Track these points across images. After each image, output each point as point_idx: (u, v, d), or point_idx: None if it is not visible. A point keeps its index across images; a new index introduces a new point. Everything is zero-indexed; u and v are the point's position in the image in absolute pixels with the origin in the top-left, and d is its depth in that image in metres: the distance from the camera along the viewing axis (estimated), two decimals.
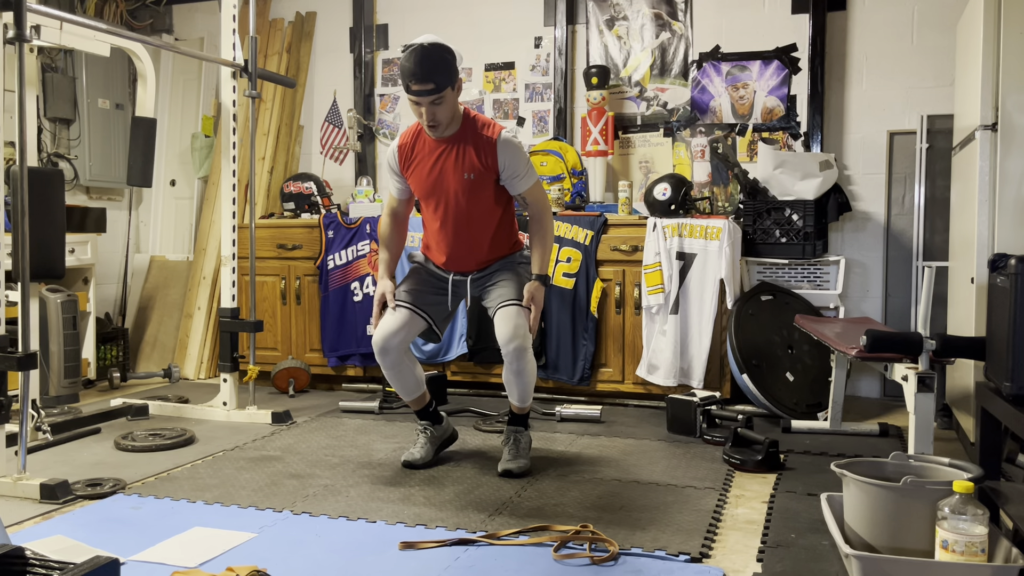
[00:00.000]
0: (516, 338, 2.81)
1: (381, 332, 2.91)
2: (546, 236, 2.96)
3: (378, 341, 2.91)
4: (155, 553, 2.22)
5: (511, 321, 2.83)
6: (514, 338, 2.80)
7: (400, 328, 2.91)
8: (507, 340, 2.81)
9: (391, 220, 3.10)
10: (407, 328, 2.93)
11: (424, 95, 2.73)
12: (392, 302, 2.95)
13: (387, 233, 3.10)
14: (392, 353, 2.92)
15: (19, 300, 2.77)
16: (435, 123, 2.80)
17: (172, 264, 5.25)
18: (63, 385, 3.65)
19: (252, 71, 3.78)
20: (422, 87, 2.72)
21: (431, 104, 2.75)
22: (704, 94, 4.55)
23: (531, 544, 2.28)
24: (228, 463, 3.08)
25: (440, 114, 2.79)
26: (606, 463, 3.08)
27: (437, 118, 2.79)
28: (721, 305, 3.86)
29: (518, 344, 2.81)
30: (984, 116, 3.00)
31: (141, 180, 3.52)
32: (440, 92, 2.74)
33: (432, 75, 2.71)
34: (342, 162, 5.16)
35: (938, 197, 4.12)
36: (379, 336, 2.91)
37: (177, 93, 5.35)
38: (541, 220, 2.96)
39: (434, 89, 2.72)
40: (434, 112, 2.77)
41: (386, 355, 2.92)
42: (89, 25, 3.31)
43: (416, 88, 2.72)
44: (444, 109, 2.79)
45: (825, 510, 2.18)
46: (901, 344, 2.68)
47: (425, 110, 2.76)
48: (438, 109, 2.77)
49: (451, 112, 2.83)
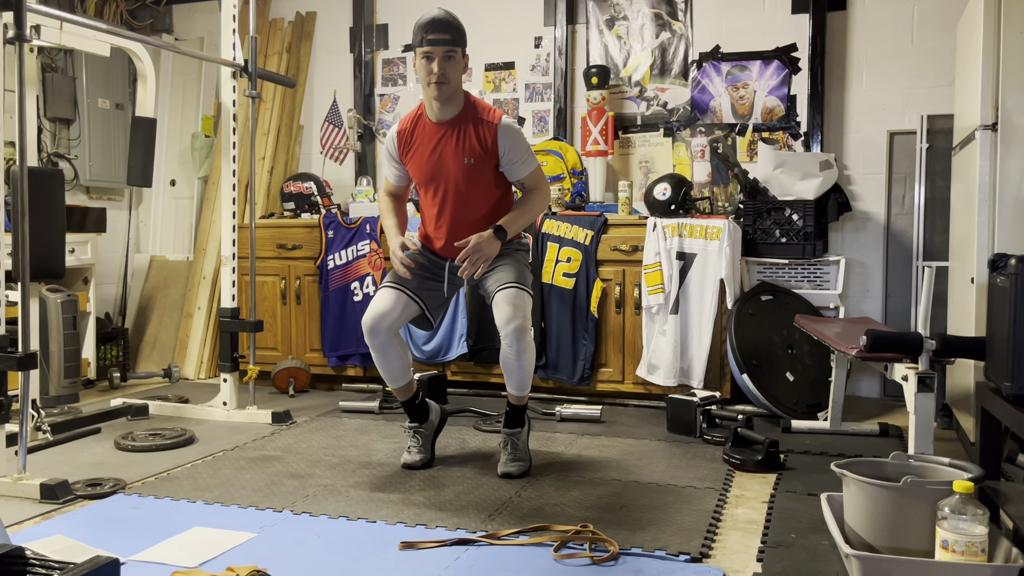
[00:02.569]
0: (515, 318, 2.76)
1: (372, 312, 2.87)
2: (532, 204, 2.92)
3: (368, 321, 2.87)
4: (155, 553, 2.22)
5: (510, 302, 2.79)
6: (513, 318, 2.76)
7: (391, 309, 2.87)
8: (506, 321, 2.76)
9: (390, 198, 3.11)
10: (399, 310, 2.89)
11: (439, 44, 2.75)
12: (411, 244, 2.92)
13: (389, 205, 3.09)
14: (381, 335, 2.87)
15: (19, 300, 2.77)
16: (444, 79, 2.78)
17: (172, 264, 5.25)
18: (63, 385, 3.65)
19: (252, 71, 3.78)
20: (438, 35, 2.75)
21: (443, 57, 2.76)
22: (704, 94, 4.55)
23: (531, 544, 2.28)
24: (228, 463, 3.08)
25: (450, 71, 2.78)
26: (606, 463, 3.08)
27: (447, 74, 2.78)
28: (721, 305, 3.86)
29: (517, 324, 2.76)
30: (984, 116, 3.00)
31: (141, 180, 3.52)
32: (454, 46, 2.76)
33: (448, 28, 2.76)
34: (342, 162, 5.16)
35: (938, 197, 4.12)
36: (370, 316, 2.87)
37: (177, 93, 5.35)
38: (534, 193, 2.94)
39: (449, 40, 2.75)
40: (444, 68, 2.76)
41: (375, 335, 2.88)
42: (89, 25, 3.31)
43: (432, 37, 2.75)
44: (453, 68, 2.79)
45: (825, 510, 2.18)
46: (901, 344, 2.67)
47: (437, 63, 2.76)
48: (448, 65, 2.77)
49: (458, 78, 2.83)
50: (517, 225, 2.89)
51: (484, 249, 2.81)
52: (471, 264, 2.80)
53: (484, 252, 2.81)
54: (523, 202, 2.94)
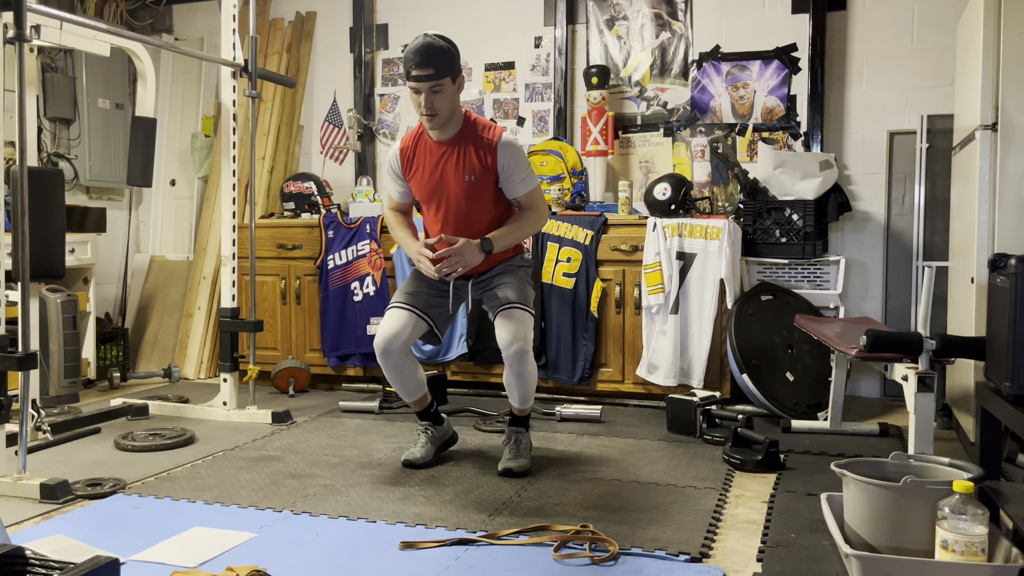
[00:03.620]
0: (516, 341, 2.80)
1: (383, 334, 2.91)
2: (524, 224, 2.92)
3: (380, 344, 2.91)
4: (155, 553, 2.22)
5: (512, 324, 2.83)
6: (515, 341, 2.80)
7: (402, 330, 2.91)
8: (508, 343, 2.81)
9: (395, 213, 3.11)
10: (409, 330, 2.92)
11: (423, 80, 2.74)
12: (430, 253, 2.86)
13: (397, 219, 3.09)
14: (394, 355, 2.91)
15: (19, 300, 2.77)
16: (433, 112, 2.79)
17: (172, 264, 5.25)
18: (63, 385, 3.65)
19: (252, 71, 3.78)
20: (421, 72, 2.73)
21: (430, 91, 2.75)
22: (704, 94, 4.55)
23: (531, 544, 2.28)
24: (228, 463, 3.08)
25: (438, 103, 2.78)
26: (606, 463, 3.08)
27: (435, 107, 2.78)
28: (721, 305, 3.86)
29: (519, 347, 2.81)
30: (984, 116, 3.00)
31: (141, 180, 3.52)
32: (439, 79, 2.74)
33: (432, 61, 2.73)
34: (342, 162, 5.16)
35: (938, 197, 4.12)
36: (381, 338, 2.91)
37: (177, 93, 5.35)
38: (530, 213, 2.93)
39: (433, 75, 2.73)
40: (432, 101, 2.76)
41: (388, 357, 2.92)
42: (89, 25, 3.31)
43: (416, 73, 2.74)
44: (443, 99, 2.78)
45: (825, 510, 2.18)
46: (901, 344, 2.67)
47: (424, 97, 2.76)
48: (436, 98, 2.77)
49: (450, 106, 2.82)
50: (505, 241, 2.90)
51: (465, 255, 2.82)
52: (446, 265, 2.82)
53: (464, 259, 2.82)
54: (516, 220, 2.94)
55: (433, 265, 2.85)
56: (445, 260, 2.82)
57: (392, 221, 3.11)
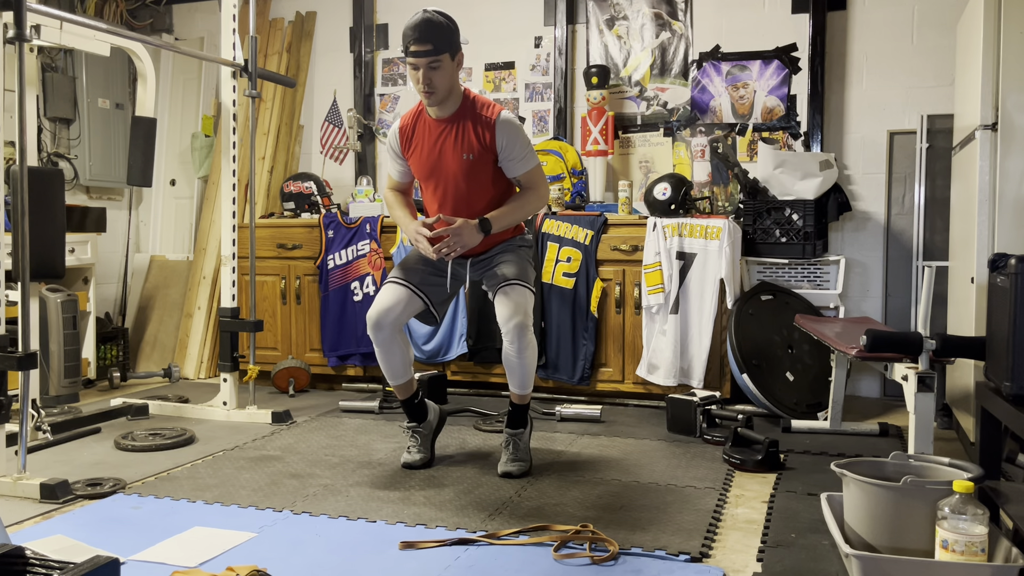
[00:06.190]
0: (517, 315, 2.76)
1: (376, 308, 2.87)
2: (524, 203, 2.90)
3: (372, 316, 2.87)
4: (155, 553, 2.22)
5: (512, 299, 2.79)
6: (515, 315, 2.76)
7: (395, 305, 2.87)
8: (508, 317, 2.77)
9: (394, 192, 3.10)
10: (403, 306, 2.89)
11: (421, 56, 2.72)
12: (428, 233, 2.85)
13: (396, 199, 3.08)
14: (385, 330, 2.88)
15: (19, 300, 2.77)
16: (431, 89, 2.77)
17: (172, 264, 5.25)
18: (63, 385, 3.65)
19: (252, 71, 3.78)
20: (420, 47, 2.71)
21: (428, 67, 2.74)
22: (704, 94, 4.55)
23: (531, 544, 2.28)
24: (228, 463, 3.08)
25: (437, 80, 2.76)
26: (606, 463, 3.08)
27: (434, 83, 2.76)
28: (721, 305, 3.86)
29: (519, 321, 2.76)
30: (984, 116, 3.00)
31: (141, 180, 3.52)
32: (438, 55, 2.73)
33: (431, 37, 2.72)
34: (342, 162, 5.16)
35: (938, 197, 4.12)
36: (374, 311, 2.88)
37: (177, 93, 5.35)
38: (530, 192, 2.91)
39: (431, 50, 2.72)
40: (431, 77, 2.75)
41: (379, 331, 2.88)
42: (89, 25, 3.31)
43: (414, 48, 2.72)
44: (441, 76, 2.76)
45: (825, 510, 2.18)
46: (901, 344, 2.67)
47: (422, 73, 2.74)
48: (435, 74, 2.75)
49: (448, 82, 2.80)
50: (505, 221, 2.87)
51: (463, 236, 2.79)
52: (444, 245, 2.79)
53: (462, 239, 2.79)
54: (516, 199, 2.92)
55: (431, 245, 2.84)
56: (443, 240, 2.80)
57: (391, 200, 3.09)
